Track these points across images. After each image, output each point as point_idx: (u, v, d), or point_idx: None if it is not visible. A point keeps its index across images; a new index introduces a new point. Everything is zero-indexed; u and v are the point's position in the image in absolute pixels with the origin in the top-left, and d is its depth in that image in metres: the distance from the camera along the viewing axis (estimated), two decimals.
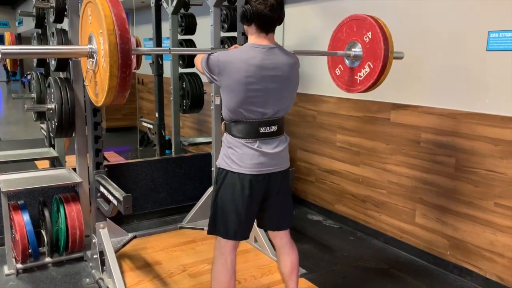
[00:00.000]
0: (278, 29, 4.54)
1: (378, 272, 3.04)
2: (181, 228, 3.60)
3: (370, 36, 2.28)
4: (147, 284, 2.75)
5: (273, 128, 1.99)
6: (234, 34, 3.75)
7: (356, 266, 3.12)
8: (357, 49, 2.38)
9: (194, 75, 4.48)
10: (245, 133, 1.96)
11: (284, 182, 2.13)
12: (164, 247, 3.26)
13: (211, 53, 1.95)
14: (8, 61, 4.20)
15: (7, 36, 4.30)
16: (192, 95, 4.39)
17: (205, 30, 3.67)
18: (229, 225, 2.05)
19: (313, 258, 3.19)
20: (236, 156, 1.98)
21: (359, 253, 3.32)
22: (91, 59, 1.78)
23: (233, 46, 2.20)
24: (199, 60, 2.07)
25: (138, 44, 5.29)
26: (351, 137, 3.68)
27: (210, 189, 3.68)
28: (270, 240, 3.20)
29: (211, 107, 3.58)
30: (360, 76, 2.40)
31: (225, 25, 3.96)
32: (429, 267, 3.11)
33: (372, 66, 2.31)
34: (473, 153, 2.81)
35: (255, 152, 1.97)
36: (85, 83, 1.89)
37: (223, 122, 2.06)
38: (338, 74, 2.54)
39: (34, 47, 1.81)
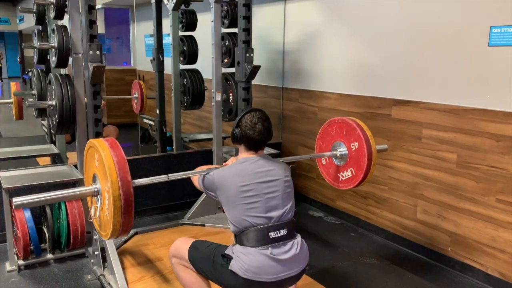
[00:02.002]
0: (279, 27, 4.56)
1: (379, 268, 3.04)
2: (182, 224, 3.61)
3: (356, 146, 2.35)
4: (149, 280, 2.76)
5: (283, 232, 1.96)
6: (235, 30, 3.74)
7: (357, 262, 3.12)
8: (343, 150, 2.43)
9: (195, 72, 4.47)
10: (255, 240, 1.92)
11: (302, 275, 2.07)
12: (165, 243, 3.26)
13: (207, 173, 2.08)
14: (14, 107, 4.22)
15: (13, 87, 4.35)
16: (193, 92, 4.39)
17: (206, 26, 3.66)
18: (209, 279, 2.04)
19: (314, 254, 3.19)
20: (247, 259, 1.89)
21: (360, 249, 3.32)
22: (95, 198, 1.86)
23: (230, 160, 2.29)
24: (196, 180, 2.19)
25: (141, 88, 5.28)
26: None
27: None
28: None
29: (212, 104, 3.57)
30: (342, 176, 2.47)
31: (226, 21, 3.94)
32: (430, 263, 3.11)
33: (354, 173, 2.39)
34: (474, 149, 2.80)
35: (267, 260, 1.90)
36: (88, 219, 1.95)
37: (233, 235, 2.04)
38: (324, 164, 2.60)
39: (45, 195, 1.80)
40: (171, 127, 4.64)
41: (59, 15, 3.13)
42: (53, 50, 3.04)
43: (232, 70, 3.72)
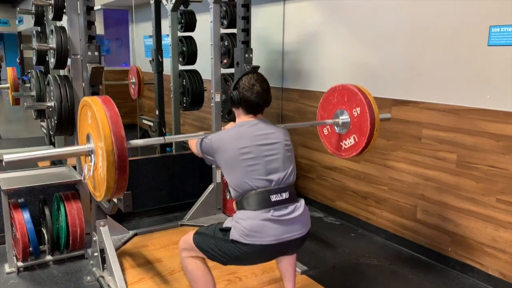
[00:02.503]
0: (278, 27, 4.55)
1: (380, 269, 3.03)
2: (182, 225, 3.60)
3: (358, 112, 2.31)
4: (148, 282, 2.75)
5: (285, 195, 1.95)
6: (234, 30, 3.73)
7: (358, 262, 3.12)
8: (345, 118, 2.39)
9: (194, 72, 4.46)
10: (257, 204, 1.90)
11: (304, 241, 2.05)
12: (165, 245, 3.25)
13: (204, 137, 2.05)
14: (10, 92, 4.21)
15: (9, 72, 4.29)
16: (192, 92, 4.38)
17: (205, 27, 3.65)
18: (218, 260, 2.02)
19: (314, 254, 3.18)
20: (247, 224, 1.87)
21: (360, 249, 3.31)
22: (89, 157, 1.84)
23: (228, 124, 2.25)
24: (194, 145, 2.14)
25: (138, 73, 5.29)
26: None
27: (211, 186, 3.68)
28: None
29: (211, 104, 3.57)
30: (345, 144, 2.43)
31: (225, 22, 3.94)
32: (430, 264, 3.10)
33: (357, 140, 2.35)
34: (475, 149, 2.79)
35: (268, 222, 1.88)
36: (82, 179, 1.94)
37: (234, 202, 2.03)
38: (325, 134, 2.57)
39: (37, 153, 1.74)
40: (171, 128, 4.64)
41: (58, 16, 3.12)
42: (51, 51, 3.04)
43: (232, 70, 3.71)
